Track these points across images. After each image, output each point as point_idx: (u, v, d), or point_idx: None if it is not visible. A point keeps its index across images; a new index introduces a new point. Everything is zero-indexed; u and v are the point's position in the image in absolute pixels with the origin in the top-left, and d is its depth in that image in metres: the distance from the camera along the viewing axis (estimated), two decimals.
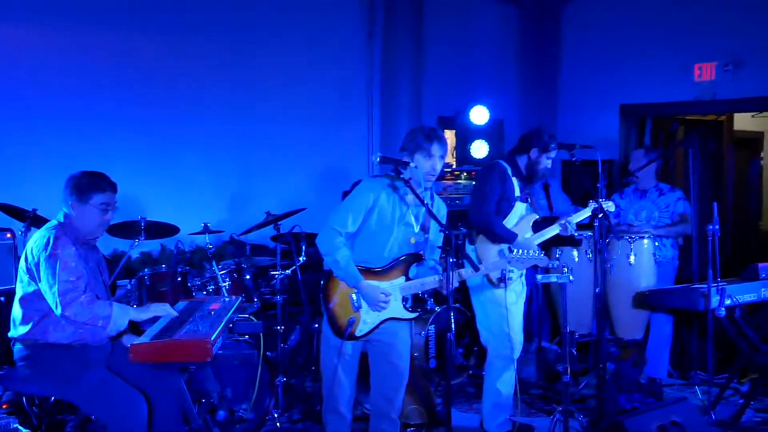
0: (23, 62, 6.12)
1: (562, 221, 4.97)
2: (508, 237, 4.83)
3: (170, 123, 6.99)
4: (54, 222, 4.08)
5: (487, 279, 4.88)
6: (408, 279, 4.18)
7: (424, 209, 4.18)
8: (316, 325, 5.50)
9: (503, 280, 4.81)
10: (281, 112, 7.62)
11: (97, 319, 3.85)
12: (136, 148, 6.70)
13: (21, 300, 3.97)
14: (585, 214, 4.98)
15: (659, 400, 5.56)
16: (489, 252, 4.85)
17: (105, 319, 3.85)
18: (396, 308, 4.17)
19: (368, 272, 4.13)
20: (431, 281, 4.17)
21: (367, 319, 4.12)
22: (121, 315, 3.92)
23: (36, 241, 3.97)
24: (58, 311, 3.83)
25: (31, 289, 3.92)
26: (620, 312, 5.78)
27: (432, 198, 4.30)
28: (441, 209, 4.37)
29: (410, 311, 4.22)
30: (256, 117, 7.56)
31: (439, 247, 4.09)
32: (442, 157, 4.19)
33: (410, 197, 4.17)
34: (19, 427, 3.15)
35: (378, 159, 4.00)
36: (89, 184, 4.05)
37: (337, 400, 4.22)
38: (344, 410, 4.25)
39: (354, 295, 4.12)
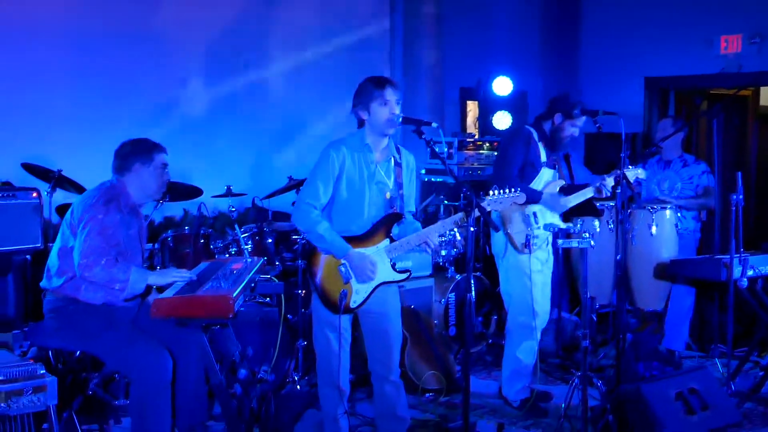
0: (46, 25, 6.14)
1: (597, 183, 4.95)
2: (533, 197, 4.81)
3: (193, 88, 7.01)
4: (106, 184, 4.11)
5: (510, 243, 4.89)
6: (392, 240, 4.05)
7: (392, 163, 4.09)
8: None
9: (527, 245, 4.80)
10: (303, 80, 7.64)
11: (115, 282, 3.88)
12: (161, 111, 6.73)
13: (60, 251, 4.03)
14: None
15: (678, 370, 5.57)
16: (511, 216, 4.86)
17: (123, 282, 3.89)
18: (386, 272, 4.04)
19: (352, 240, 3.99)
20: (415, 238, 4.02)
21: (359, 289, 4.01)
22: (138, 279, 3.94)
23: (85, 199, 4.03)
24: (78, 271, 3.88)
25: (71, 244, 3.97)
26: (640, 283, 5.76)
27: (398, 151, 4.15)
28: (410, 161, 4.21)
29: (400, 272, 4.09)
30: (278, 85, 7.58)
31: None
32: (398, 101, 4.00)
33: (375, 154, 4.04)
34: (46, 373, 3.20)
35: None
36: (147, 146, 4.13)
37: (333, 375, 4.13)
38: (341, 383, 4.16)
39: (343, 267, 3.99)
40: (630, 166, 4.91)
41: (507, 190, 3.96)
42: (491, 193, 3.95)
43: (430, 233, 4.02)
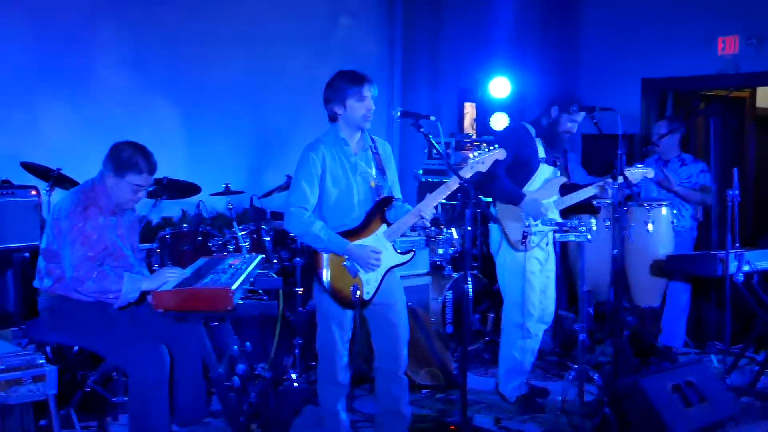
0: (44, 24, 6.17)
1: (601, 183, 4.95)
2: (514, 197, 4.81)
3: (193, 86, 7.02)
4: (88, 184, 4.07)
5: (506, 240, 4.90)
6: (389, 224, 4.06)
7: (370, 152, 4.10)
8: None
9: (524, 242, 4.79)
10: (300, 80, 7.63)
11: (108, 293, 3.88)
12: (160, 109, 6.75)
13: (44, 252, 4.02)
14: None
15: None
16: (507, 213, 4.87)
17: (115, 293, 3.88)
18: (390, 257, 4.06)
19: (349, 234, 4.00)
20: (410, 216, 4.02)
21: (369, 279, 4.02)
22: (131, 289, 3.92)
23: (65, 203, 3.99)
24: (70, 284, 3.88)
25: (55, 246, 3.96)
26: (637, 279, 5.79)
27: (373, 140, 4.16)
28: (386, 148, 4.23)
29: (404, 254, 4.11)
30: (276, 85, 7.58)
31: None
32: (374, 97, 4.02)
33: (352, 146, 4.06)
34: (45, 363, 3.21)
35: (398, 113, 4.00)
36: (127, 162, 3.99)
37: (335, 372, 4.14)
38: (341, 379, 4.16)
39: (347, 263, 3.99)
40: (639, 165, 4.94)
41: (487, 148, 3.95)
42: (471, 155, 3.97)
43: (423, 207, 4.01)
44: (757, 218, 8.85)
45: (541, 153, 4.99)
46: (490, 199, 5.08)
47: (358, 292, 3.95)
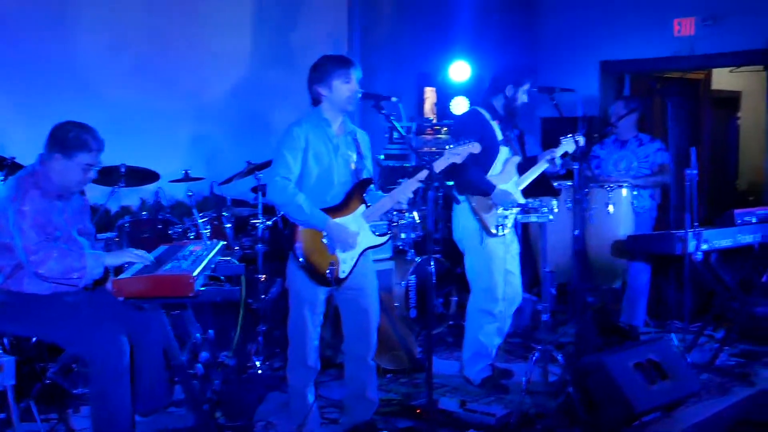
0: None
1: (548, 156, 4.98)
2: (485, 188, 4.83)
3: (149, 69, 6.89)
4: (27, 170, 3.92)
5: (483, 229, 4.89)
6: (367, 206, 4.11)
7: (349, 136, 4.17)
8: None
9: (499, 227, 4.82)
10: (258, 62, 7.58)
11: (72, 272, 3.74)
12: (116, 94, 6.60)
13: None
14: (565, 147, 5.00)
15: None
16: (483, 201, 4.86)
17: (80, 271, 3.75)
18: (367, 237, 4.11)
19: (329, 211, 4.03)
20: (388, 200, 4.10)
21: (345, 258, 4.06)
22: (95, 264, 3.80)
23: (4, 191, 3.85)
24: (30, 269, 3.73)
25: (7, 239, 3.78)
26: (599, 260, 5.83)
27: (353, 129, 4.24)
28: (365, 138, 4.30)
29: (380, 236, 4.16)
30: (233, 69, 7.49)
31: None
32: (358, 79, 4.09)
33: (334, 128, 4.11)
34: (2, 354, 3.13)
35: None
36: (75, 141, 3.86)
37: (306, 355, 4.14)
38: (312, 363, 4.17)
39: (325, 239, 4.01)
40: (568, 136, 4.95)
41: (463, 142, 4.04)
42: (447, 146, 4.06)
43: (399, 193, 4.09)
44: (713, 198, 8.98)
45: (499, 136, 5.00)
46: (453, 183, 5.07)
47: (334, 270, 3.98)
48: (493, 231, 4.86)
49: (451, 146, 4.03)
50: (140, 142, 6.10)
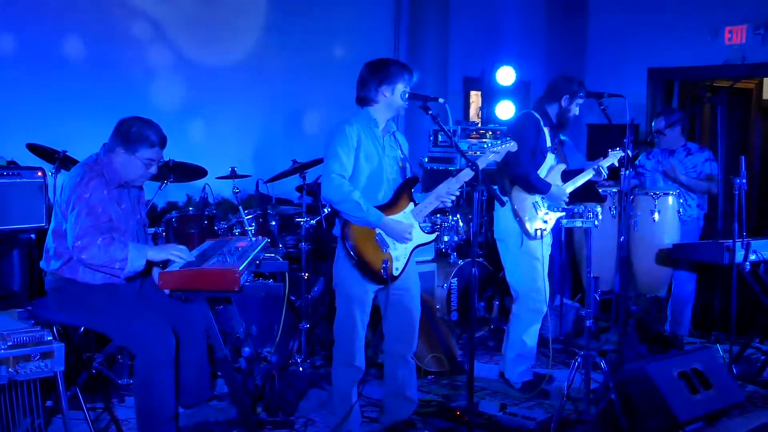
0: (52, 9, 6.15)
1: (595, 165, 4.98)
2: (543, 188, 4.84)
3: (200, 68, 6.99)
4: (92, 158, 4.02)
5: (523, 231, 4.89)
6: (416, 203, 4.15)
7: (392, 136, 4.20)
8: None
9: (540, 230, 4.84)
10: (307, 68, 7.64)
11: (114, 262, 3.80)
12: (164, 93, 6.71)
13: (53, 233, 3.98)
14: (612, 159, 5.00)
15: None
16: (523, 203, 4.86)
17: (121, 261, 3.80)
18: (418, 235, 4.15)
19: (381, 209, 4.05)
20: (434, 198, 4.12)
21: (398, 256, 4.08)
22: (137, 256, 3.85)
23: (70, 178, 3.95)
24: (74, 254, 3.81)
25: (64, 226, 3.90)
26: (643, 268, 5.78)
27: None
28: (402, 138, 4.34)
29: (430, 233, 4.21)
30: (282, 68, 7.56)
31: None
32: (413, 86, 4.16)
33: (380, 129, 4.14)
34: (53, 339, 3.20)
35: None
36: (137, 136, 3.94)
37: (353, 354, 4.14)
38: (359, 362, 4.17)
39: (377, 237, 4.03)
40: (617, 149, 4.94)
41: (501, 142, 4.14)
42: (487, 144, 4.08)
43: (443, 188, 4.11)
44: (763, 208, 8.84)
45: (549, 142, 5.00)
46: (496, 186, 5.07)
47: (388, 267, 4.01)
48: (533, 233, 4.86)
49: (490, 144, 4.06)
50: (188, 138, 6.18)
